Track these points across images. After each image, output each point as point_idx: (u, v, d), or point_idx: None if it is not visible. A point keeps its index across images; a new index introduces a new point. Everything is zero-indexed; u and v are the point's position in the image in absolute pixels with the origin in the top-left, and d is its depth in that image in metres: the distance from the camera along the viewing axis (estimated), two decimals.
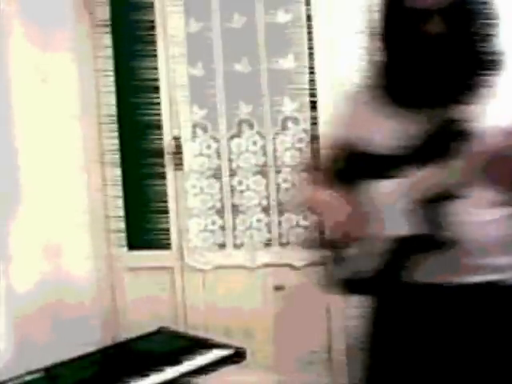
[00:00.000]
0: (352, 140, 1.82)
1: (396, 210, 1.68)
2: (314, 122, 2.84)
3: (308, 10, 2.80)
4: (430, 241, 1.63)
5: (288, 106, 2.85)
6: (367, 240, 1.73)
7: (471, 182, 1.60)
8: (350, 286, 1.81)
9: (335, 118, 1.92)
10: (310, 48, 2.81)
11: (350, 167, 1.81)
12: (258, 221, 2.94)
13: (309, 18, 2.81)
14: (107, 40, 3.07)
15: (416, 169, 1.65)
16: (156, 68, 3.02)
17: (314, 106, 2.84)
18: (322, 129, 2.82)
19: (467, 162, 1.56)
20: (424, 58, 1.64)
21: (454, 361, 1.66)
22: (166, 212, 3.07)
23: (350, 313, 2.72)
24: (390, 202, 1.68)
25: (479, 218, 1.62)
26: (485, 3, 1.64)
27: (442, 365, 1.68)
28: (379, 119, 1.73)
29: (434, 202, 1.62)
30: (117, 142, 3.12)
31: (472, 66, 1.62)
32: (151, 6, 2.99)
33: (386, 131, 1.71)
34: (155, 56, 3.02)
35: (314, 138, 2.84)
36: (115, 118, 3.11)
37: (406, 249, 1.67)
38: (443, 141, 1.60)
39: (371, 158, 1.74)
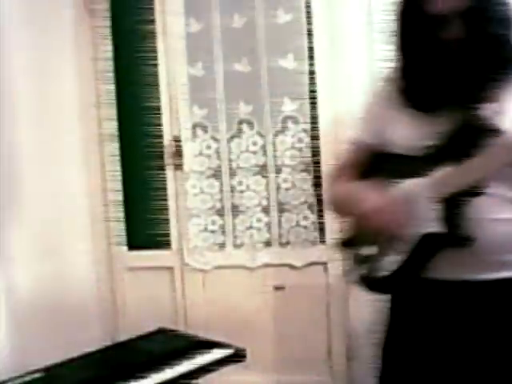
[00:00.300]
0: (374, 140, 1.83)
1: (419, 209, 1.69)
2: (314, 122, 2.84)
3: (308, 9, 2.80)
4: (450, 239, 1.65)
5: (288, 106, 2.85)
6: (390, 237, 1.75)
7: (491, 179, 1.61)
8: (370, 283, 1.84)
9: (358, 117, 1.94)
10: (310, 48, 2.81)
11: (374, 167, 1.82)
12: (258, 221, 2.94)
13: (309, 17, 2.81)
14: (107, 40, 3.07)
15: (438, 168, 1.66)
16: (156, 68, 3.03)
17: (314, 105, 2.84)
18: (323, 128, 2.82)
19: (490, 159, 1.57)
20: (444, 62, 1.66)
21: (471, 356, 1.68)
22: (166, 212, 3.07)
23: (350, 312, 2.73)
24: (413, 201, 1.69)
25: (498, 215, 1.64)
26: (501, 5, 1.65)
27: (460, 360, 1.70)
28: (401, 120, 1.75)
29: (456, 200, 1.63)
30: (117, 141, 3.12)
31: (491, 67, 1.63)
32: (151, 5, 2.99)
33: (407, 132, 1.73)
34: (155, 56, 3.02)
35: (314, 138, 2.84)
36: (115, 118, 3.11)
37: (426, 247, 1.69)
38: (465, 140, 1.61)
39: (394, 158, 1.76)
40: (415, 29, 1.69)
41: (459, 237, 1.64)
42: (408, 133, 1.75)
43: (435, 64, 1.67)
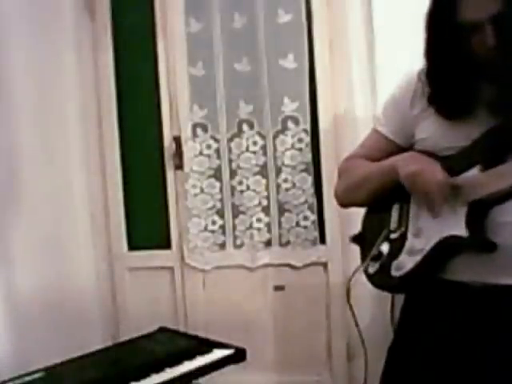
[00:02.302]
0: (398, 138, 1.83)
1: (445, 211, 1.68)
2: (314, 122, 2.84)
3: (308, 9, 2.80)
4: (473, 243, 1.64)
5: (288, 106, 2.85)
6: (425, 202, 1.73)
7: None
8: (382, 282, 1.83)
9: (383, 112, 1.93)
10: (310, 48, 2.81)
11: None
12: (258, 221, 2.94)
13: (309, 17, 2.81)
14: (107, 40, 3.08)
15: (469, 170, 1.65)
16: (156, 68, 3.03)
17: (314, 105, 2.84)
18: (323, 128, 2.82)
19: None
20: (476, 70, 1.65)
21: (484, 361, 1.66)
22: (166, 212, 3.07)
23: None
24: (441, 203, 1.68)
25: None
26: None
27: (472, 364, 1.68)
28: (430, 120, 1.75)
29: (481, 204, 1.63)
30: (117, 141, 3.12)
31: None
32: (151, 5, 2.99)
33: (437, 132, 1.72)
34: (155, 56, 3.02)
35: (315, 138, 2.84)
36: (115, 118, 3.11)
37: (447, 249, 1.68)
38: (497, 145, 1.61)
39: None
40: (447, 37, 1.68)
41: (481, 242, 1.63)
42: (437, 134, 1.74)
43: (466, 72, 1.68)
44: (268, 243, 2.94)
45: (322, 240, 2.87)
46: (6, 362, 2.48)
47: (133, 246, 3.17)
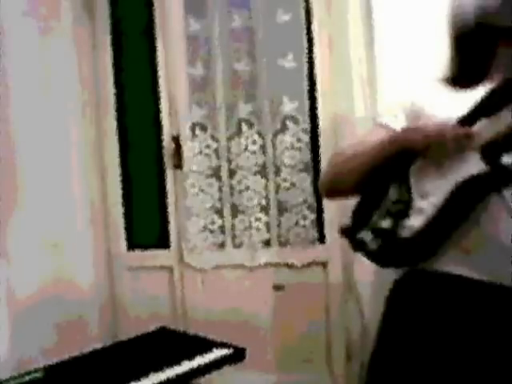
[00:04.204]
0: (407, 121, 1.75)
1: (454, 165, 1.60)
2: (314, 122, 2.84)
3: (308, 9, 2.80)
4: (496, 175, 1.55)
5: (288, 106, 2.85)
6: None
7: None
8: (387, 255, 1.69)
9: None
10: (310, 47, 2.81)
11: None
12: (258, 220, 2.94)
13: (308, 17, 2.81)
14: (107, 40, 3.08)
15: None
16: (155, 67, 3.03)
17: (313, 105, 2.84)
18: (322, 128, 2.82)
19: None
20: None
21: (464, 357, 1.60)
22: (165, 211, 3.07)
23: (350, 312, 2.73)
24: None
25: None
26: None
27: (452, 360, 1.61)
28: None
29: (495, 147, 1.56)
30: (116, 141, 3.12)
31: None
32: (151, 5, 2.99)
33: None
34: (155, 55, 3.02)
35: (314, 138, 2.84)
36: (114, 118, 3.11)
37: (466, 193, 1.57)
38: (499, 99, 1.58)
39: None
40: (477, 40, 1.67)
41: (506, 172, 1.53)
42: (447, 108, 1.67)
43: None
44: (267, 243, 2.94)
45: (322, 239, 2.87)
46: (6, 361, 2.48)
47: (132, 245, 3.17)
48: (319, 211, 2.86)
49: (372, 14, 2.62)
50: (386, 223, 1.66)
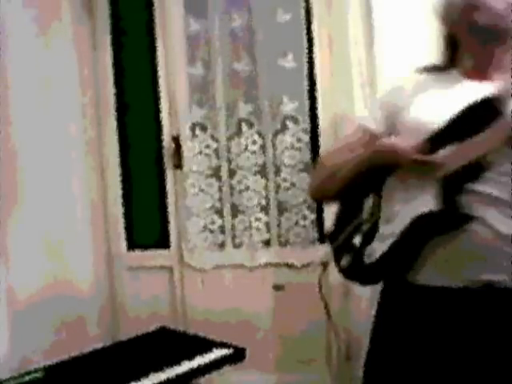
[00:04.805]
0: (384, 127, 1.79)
1: (417, 192, 1.64)
2: (314, 122, 2.84)
3: (308, 9, 2.80)
4: (444, 216, 1.58)
5: (287, 106, 2.85)
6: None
7: (496, 160, 1.57)
8: (354, 271, 1.79)
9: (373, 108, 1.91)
10: (310, 47, 2.81)
11: None
12: (258, 220, 2.94)
13: (308, 17, 2.81)
14: (107, 40, 3.08)
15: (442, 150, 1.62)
16: (155, 67, 3.03)
17: (313, 105, 2.84)
18: (322, 128, 2.82)
19: (493, 134, 1.55)
20: None
21: (450, 362, 1.64)
22: (165, 211, 3.07)
23: (350, 312, 2.73)
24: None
25: (491, 215, 1.58)
26: None
27: (438, 365, 1.65)
28: (419, 98, 1.73)
29: (454, 180, 1.59)
30: (116, 141, 3.12)
31: None
32: (151, 5, 2.99)
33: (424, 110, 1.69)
34: (155, 55, 3.02)
35: (314, 138, 2.84)
36: (114, 118, 3.11)
37: (419, 231, 1.62)
38: (470, 122, 1.59)
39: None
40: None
41: (453, 214, 1.58)
42: (420, 118, 1.70)
43: None
44: (267, 243, 2.94)
45: (322, 239, 2.87)
46: (6, 361, 2.48)
47: (132, 245, 3.17)
48: (319, 211, 2.86)
49: (372, 14, 2.62)
50: (357, 239, 1.76)
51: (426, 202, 1.60)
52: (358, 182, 1.76)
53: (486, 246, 1.58)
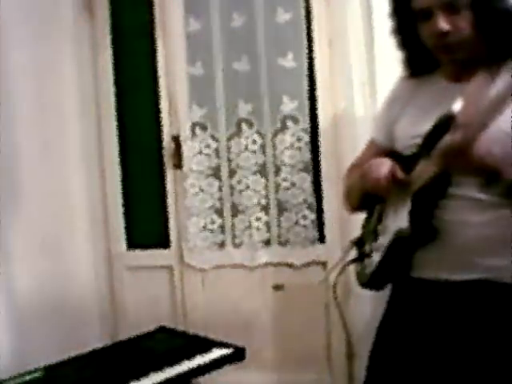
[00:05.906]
0: (386, 140, 1.90)
1: (400, 206, 1.69)
2: (314, 121, 2.84)
3: (308, 8, 2.80)
4: (414, 232, 1.66)
5: (287, 105, 2.85)
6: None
7: (462, 179, 1.61)
8: (361, 280, 1.90)
9: (375, 117, 1.97)
10: (310, 47, 2.81)
11: None
12: (258, 220, 2.94)
13: (308, 16, 2.81)
14: (107, 40, 3.08)
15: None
16: (155, 67, 3.03)
17: (313, 105, 2.84)
18: (322, 128, 2.82)
19: (439, 153, 1.57)
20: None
21: (445, 356, 1.70)
22: (165, 211, 3.07)
23: (350, 311, 2.73)
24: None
25: (471, 217, 1.64)
26: None
27: (434, 359, 1.72)
28: (405, 116, 1.79)
29: (423, 195, 1.65)
30: (116, 140, 3.12)
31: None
32: (151, 5, 2.99)
33: (408, 129, 1.75)
34: (155, 55, 3.02)
35: (314, 138, 2.84)
36: (114, 117, 3.11)
37: (402, 243, 1.70)
38: (438, 137, 1.61)
39: (391, 157, 1.79)
40: (406, 25, 1.79)
41: (421, 230, 1.65)
42: (408, 130, 1.78)
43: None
44: (267, 242, 2.94)
45: (322, 239, 2.87)
46: (6, 361, 2.48)
47: (132, 244, 3.17)
48: (319, 211, 2.86)
49: (372, 14, 2.62)
50: (367, 248, 1.86)
51: (403, 217, 1.68)
52: (370, 196, 1.85)
53: (468, 247, 1.65)
